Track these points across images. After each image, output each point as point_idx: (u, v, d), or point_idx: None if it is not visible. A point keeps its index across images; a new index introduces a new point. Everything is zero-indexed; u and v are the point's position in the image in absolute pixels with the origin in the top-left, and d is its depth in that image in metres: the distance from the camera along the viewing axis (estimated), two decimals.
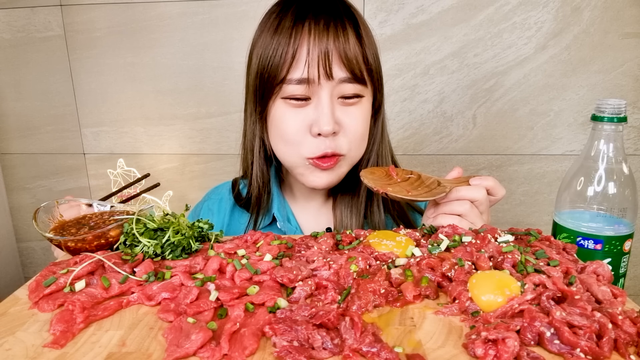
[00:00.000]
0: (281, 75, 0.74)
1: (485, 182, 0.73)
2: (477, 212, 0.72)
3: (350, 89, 0.75)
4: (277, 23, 0.75)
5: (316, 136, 0.75)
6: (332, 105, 0.75)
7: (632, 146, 1.34)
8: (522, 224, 1.34)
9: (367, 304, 0.51)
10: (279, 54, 0.73)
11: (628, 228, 0.66)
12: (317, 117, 0.74)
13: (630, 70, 1.28)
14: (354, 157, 0.81)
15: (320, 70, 0.72)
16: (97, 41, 1.39)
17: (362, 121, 0.78)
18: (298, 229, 0.88)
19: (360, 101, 0.78)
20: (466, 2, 1.28)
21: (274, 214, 0.87)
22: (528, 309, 0.46)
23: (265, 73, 0.75)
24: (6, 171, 1.54)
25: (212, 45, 1.37)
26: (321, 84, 0.74)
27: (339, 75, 0.73)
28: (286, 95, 0.75)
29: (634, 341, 0.43)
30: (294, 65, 0.73)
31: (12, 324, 0.49)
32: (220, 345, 0.43)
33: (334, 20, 0.73)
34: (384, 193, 0.69)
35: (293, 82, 0.74)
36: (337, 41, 0.72)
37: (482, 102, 1.34)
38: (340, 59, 0.73)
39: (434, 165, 1.40)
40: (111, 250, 0.65)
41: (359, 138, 0.79)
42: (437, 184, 0.73)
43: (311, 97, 0.75)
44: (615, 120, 0.65)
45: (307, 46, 0.72)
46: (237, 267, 0.58)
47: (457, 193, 0.72)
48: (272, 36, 0.75)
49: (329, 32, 0.72)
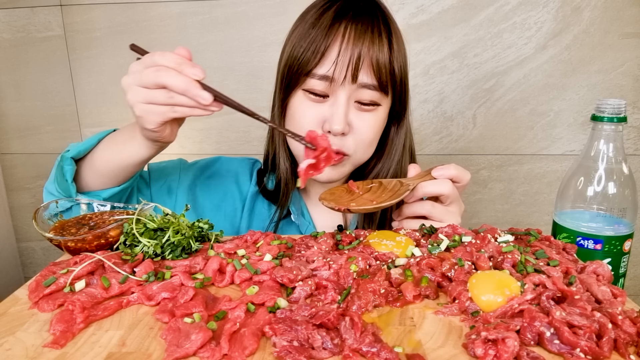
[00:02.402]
0: (308, 68, 0.75)
1: (448, 172, 0.73)
2: (441, 209, 0.73)
3: (369, 95, 0.76)
4: (317, 17, 0.76)
5: (326, 133, 0.76)
6: (348, 107, 0.76)
7: (632, 146, 1.34)
8: (522, 224, 1.34)
9: (367, 304, 0.51)
10: (312, 48, 0.74)
11: (628, 228, 0.66)
12: (330, 115, 0.75)
13: (630, 70, 1.28)
14: (358, 159, 0.82)
15: (347, 72, 0.73)
16: (97, 41, 1.39)
17: (373, 128, 0.79)
18: (311, 224, 0.90)
19: (376, 109, 0.78)
20: (466, 2, 1.28)
21: (289, 207, 0.88)
22: (528, 309, 0.46)
23: (294, 64, 0.77)
24: (6, 171, 1.54)
25: (212, 45, 1.37)
26: (343, 85, 0.74)
27: (364, 80, 0.74)
28: (307, 87, 0.77)
29: (633, 341, 0.43)
30: (322, 61, 0.74)
31: (12, 324, 0.49)
32: (220, 345, 0.43)
33: (372, 25, 0.74)
34: (346, 210, 0.68)
35: (317, 76, 0.75)
36: (372, 47, 0.73)
37: (482, 102, 1.34)
38: (371, 65, 0.73)
39: (434, 165, 1.40)
40: (111, 250, 0.65)
41: (366, 143, 0.80)
42: (400, 185, 0.73)
43: (330, 95, 0.76)
44: (615, 120, 0.65)
45: (340, 46, 0.73)
46: (237, 267, 0.58)
47: (422, 189, 0.73)
48: (310, 29, 0.75)
49: (366, 36, 0.73)
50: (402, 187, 0.72)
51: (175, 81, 0.62)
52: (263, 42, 1.35)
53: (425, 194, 0.73)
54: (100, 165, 0.77)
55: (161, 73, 0.62)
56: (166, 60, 0.63)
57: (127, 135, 0.75)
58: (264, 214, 0.91)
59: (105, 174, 0.77)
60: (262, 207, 0.92)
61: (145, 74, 0.63)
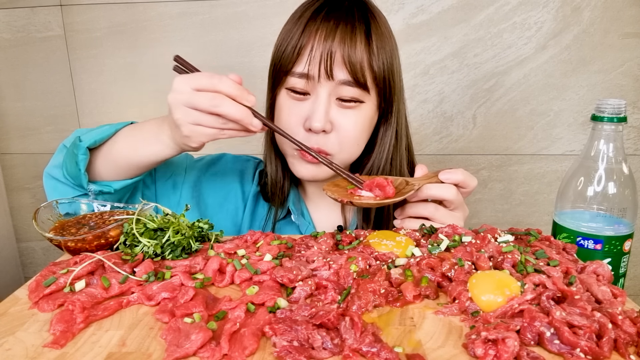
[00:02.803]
0: (288, 67, 0.75)
1: (455, 177, 0.73)
2: (444, 212, 0.73)
3: (350, 92, 0.75)
4: (299, 15, 0.77)
5: (308, 130, 0.77)
6: (329, 104, 0.76)
7: (632, 146, 1.34)
8: (522, 224, 1.34)
9: (367, 304, 0.51)
10: (290, 47, 0.75)
11: (628, 228, 0.66)
12: (311, 113, 0.76)
13: (630, 70, 1.28)
14: (343, 158, 0.81)
15: (321, 69, 0.73)
16: (97, 41, 1.39)
17: (356, 125, 0.78)
18: (311, 224, 0.90)
19: (359, 106, 0.78)
20: (466, 2, 1.28)
21: (289, 207, 0.88)
22: (528, 309, 0.46)
23: (278, 62, 0.78)
24: (6, 171, 1.54)
25: (212, 45, 1.37)
26: (321, 82, 0.74)
27: (339, 77, 0.74)
28: (289, 86, 0.77)
29: (634, 341, 0.43)
30: (299, 59, 0.75)
31: (12, 324, 0.49)
32: (220, 345, 0.43)
33: (345, 22, 0.74)
34: (348, 202, 0.68)
35: (296, 74, 0.75)
36: (343, 44, 0.73)
37: (482, 102, 1.34)
38: (343, 61, 0.73)
39: (434, 166, 1.40)
40: (111, 250, 0.65)
41: (350, 141, 0.79)
42: (405, 184, 0.73)
43: (310, 92, 0.77)
44: (615, 120, 0.65)
45: (312, 43, 0.73)
46: (237, 267, 0.58)
47: (427, 191, 0.72)
48: (291, 27, 0.76)
49: (337, 33, 0.73)
50: (407, 186, 0.72)
51: (232, 111, 0.63)
52: (263, 42, 1.35)
53: (429, 197, 0.73)
54: (118, 158, 0.76)
55: (218, 102, 0.63)
56: (225, 86, 0.63)
57: (150, 133, 0.75)
58: (265, 214, 0.91)
59: (121, 167, 0.77)
60: (264, 208, 0.92)
61: (200, 98, 0.63)
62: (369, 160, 0.85)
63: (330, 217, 0.90)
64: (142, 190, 0.86)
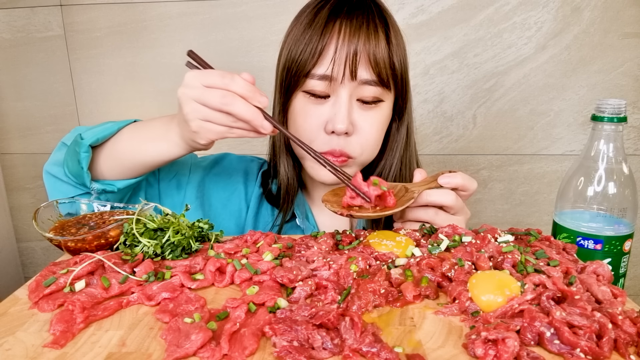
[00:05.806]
0: (307, 69, 0.74)
1: (454, 181, 0.72)
2: (445, 216, 0.72)
3: (371, 91, 0.75)
4: (312, 17, 0.75)
5: (330, 134, 0.76)
6: (350, 105, 0.75)
7: (632, 146, 1.34)
8: (522, 224, 1.34)
9: (367, 304, 0.51)
10: (309, 49, 0.74)
11: (628, 228, 0.66)
12: (333, 115, 0.75)
13: (630, 70, 1.28)
14: (364, 160, 0.81)
15: (345, 70, 0.72)
16: (97, 41, 1.39)
17: (378, 126, 0.78)
18: (315, 228, 0.89)
19: (379, 106, 0.77)
20: (466, 2, 1.28)
21: (294, 210, 0.88)
22: (528, 309, 0.46)
23: (292, 66, 0.76)
24: (6, 171, 1.54)
25: (212, 45, 1.37)
26: (344, 83, 0.74)
27: (363, 77, 0.73)
28: (307, 89, 0.76)
29: (634, 341, 0.43)
30: (319, 61, 0.74)
31: (12, 324, 0.49)
32: (220, 345, 0.43)
33: (367, 21, 0.73)
34: (348, 215, 0.67)
35: (316, 77, 0.74)
36: (368, 43, 0.72)
37: (482, 102, 1.34)
38: (368, 60, 0.73)
39: (434, 166, 1.40)
40: (111, 250, 0.65)
41: (372, 143, 0.79)
42: (404, 191, 0.72)
43: (331, 94, 0.76)
44: (615, 120, 0.65)
45: (336, 44, 0.72)
46: (237, 267, 0.58)
47: (427, 197, 0.71)
48: (305, 30, 0.75)
49: (361, 32, 0.72)
50: (406, 193, 0.71)
51: (242, 110, 0.62)
52: (263, 42, 1.35)
53: (429, 203, 0.72)
54: (123, 157, 0.75)
55: (229, 100, 0.62)
56: (237, 85, 0.63)
57: (157, 132, 0.74)
58: (269, 217, 0.91)
59: (126, 166, 0.76)
60: (267, 210, 0.91)
61: (210, 95, 0.63)
62: (382, 159, 0.85)
63: (334, 220, 0.90)
64: (145, 189, 0.84)
